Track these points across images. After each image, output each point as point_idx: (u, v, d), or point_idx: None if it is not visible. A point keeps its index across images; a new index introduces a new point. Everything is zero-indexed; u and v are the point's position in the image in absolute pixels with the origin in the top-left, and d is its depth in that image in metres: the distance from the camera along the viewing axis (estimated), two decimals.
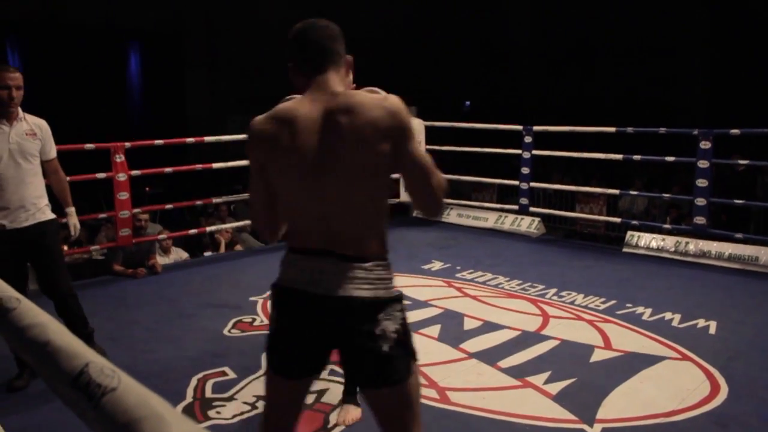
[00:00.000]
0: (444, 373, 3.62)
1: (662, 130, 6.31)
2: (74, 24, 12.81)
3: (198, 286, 5.35)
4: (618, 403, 3.28)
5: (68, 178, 3.86)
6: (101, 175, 5.61)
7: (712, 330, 4.29)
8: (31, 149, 3.52)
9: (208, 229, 7.03)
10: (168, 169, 6.20)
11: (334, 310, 1.72)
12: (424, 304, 4.78)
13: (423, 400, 3.27)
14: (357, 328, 1.72)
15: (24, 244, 3.49)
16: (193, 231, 6.79)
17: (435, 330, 4.25)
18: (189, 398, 3.31)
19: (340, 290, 1.71)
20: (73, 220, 3.83)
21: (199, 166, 6.65)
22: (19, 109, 3.50)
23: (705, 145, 5.94)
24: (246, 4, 15.04)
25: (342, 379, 3.47)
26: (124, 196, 5.60)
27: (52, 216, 3.64)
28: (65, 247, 5.89)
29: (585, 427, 3.06)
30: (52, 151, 3.68)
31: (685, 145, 6.35)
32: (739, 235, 6.06)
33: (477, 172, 8.23)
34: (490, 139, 7.88)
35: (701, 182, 6.01)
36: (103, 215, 6.31)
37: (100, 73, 13.50)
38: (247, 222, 7.60)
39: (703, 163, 5.98)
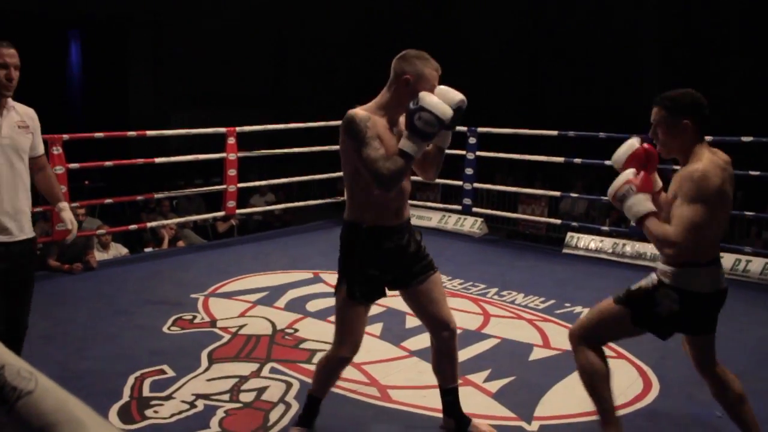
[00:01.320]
0: (385, 371, 3.63)
1: (602, 134, 6.45)
2: (8, 7, 12.36)
3: (137, 283, 5.24)
4: (555, 401, 3.35)
5: None
6: None
7: None
8: (24, 144, 2.95)
9: (149, 224, 6.89)
10: (108, 163, 6.06)
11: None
12: None
13: (363, 398, 3.29)
14: None
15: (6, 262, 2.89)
16: (133, 226, 6.64)
17: (377, 328, 4.26)
18: (126, 397, 3.25)
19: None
20: (68, 215, 3.17)
21: (140, 161, 6.52)
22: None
23: None
24: (193, 0, 14.78)
25: (282, 377, 3.46)
26: (61, 189, 5.43)
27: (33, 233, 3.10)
28: None
29: (523, 424, 3.11)
30: (41, 146, 3.12)
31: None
32: None
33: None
34: None
35: None
36: (38, 209, 6.11)
37: (37, 61, 13.06)
38: (190, 218, 7.50)
39: None
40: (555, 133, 6.70)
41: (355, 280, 2.68)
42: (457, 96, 2.62)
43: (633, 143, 2.82)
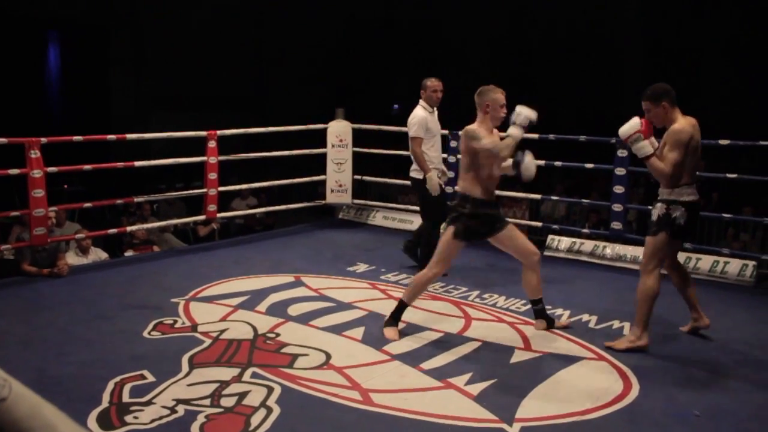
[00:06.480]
0: (367, 374, 3.63)
1: (582, 138, 6.50)
2: None
3: (117, 287, 5.19)
4: (536, 403, 3.37)
5: None
6: (14, 172, 5.37)
7: (626, 331, 4.45)
8: None
9: (129, 228, 6.83)
10: (87, 167, 5.99)
11: None
12: (348, 306, 4.78)
13: (345, 402, 3.28)
14: None
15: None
16: (113, 230, 6.59)
17: (359, 332, 4.26)
18: (105, 403, 3.21)
19: None
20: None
21: (120, 164, 6.46)
22: None
23: (622, 153, 6.15)
24: (173, 1, 14.70)
25: (263, 381, 3.45)
26: (39, 193, 5.37)
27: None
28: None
29: (504, 426, 3.12)
30: None
31: (605, 152, 6.55)
32: None
33: (404, 175, 8.26)
34: None
35: (618, 189, 6.22)
36: (15, 213, 6.04)
37: (14, 63, 12.89)
38: (171, 221, 7.47)
39: (620, 171, 6.19)
40: (536, 136, 6.72)
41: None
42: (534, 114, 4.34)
43: (636, 119, 3.95)
